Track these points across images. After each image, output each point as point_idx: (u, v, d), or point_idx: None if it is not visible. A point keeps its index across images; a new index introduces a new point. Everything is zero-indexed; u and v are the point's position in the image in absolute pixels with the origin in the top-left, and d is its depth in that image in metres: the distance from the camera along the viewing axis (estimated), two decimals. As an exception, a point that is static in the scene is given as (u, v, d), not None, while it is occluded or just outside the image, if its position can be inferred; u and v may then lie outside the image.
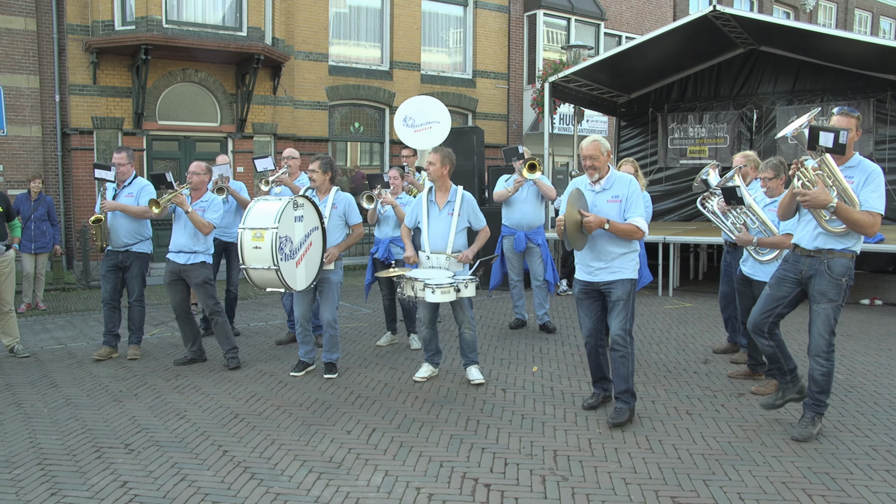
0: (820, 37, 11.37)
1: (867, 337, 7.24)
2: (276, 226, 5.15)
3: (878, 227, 4.13)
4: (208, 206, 6.05)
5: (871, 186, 4.06)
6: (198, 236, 5.97)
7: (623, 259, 4.57)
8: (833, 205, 3.97)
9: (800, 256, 4.33)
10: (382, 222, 6.76)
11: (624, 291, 4.56)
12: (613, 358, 4.59)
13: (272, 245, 5.14)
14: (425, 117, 9.48)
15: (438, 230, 5.56)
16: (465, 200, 5.60)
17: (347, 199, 5.91)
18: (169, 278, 6.12)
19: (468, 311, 5.51)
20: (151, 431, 4.52)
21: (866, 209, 4.03)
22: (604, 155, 4.56)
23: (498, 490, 3.64)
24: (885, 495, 3.55)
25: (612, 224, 4.43)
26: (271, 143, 13.73)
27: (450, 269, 5.47)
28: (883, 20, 27.58)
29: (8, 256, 6.50)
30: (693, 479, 3.75)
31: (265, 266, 5.20)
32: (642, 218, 4.54)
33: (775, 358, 4.51)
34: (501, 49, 16.91)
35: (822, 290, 4.18)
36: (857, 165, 4.16)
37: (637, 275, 4.69)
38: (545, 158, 12.27)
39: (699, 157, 13.75)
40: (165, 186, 6.10)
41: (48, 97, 12.15)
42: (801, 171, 4.10)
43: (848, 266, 4.18)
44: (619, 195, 4.54)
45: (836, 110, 4.26)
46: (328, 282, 5.71)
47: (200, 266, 6.02)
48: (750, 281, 5.42)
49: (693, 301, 9.49)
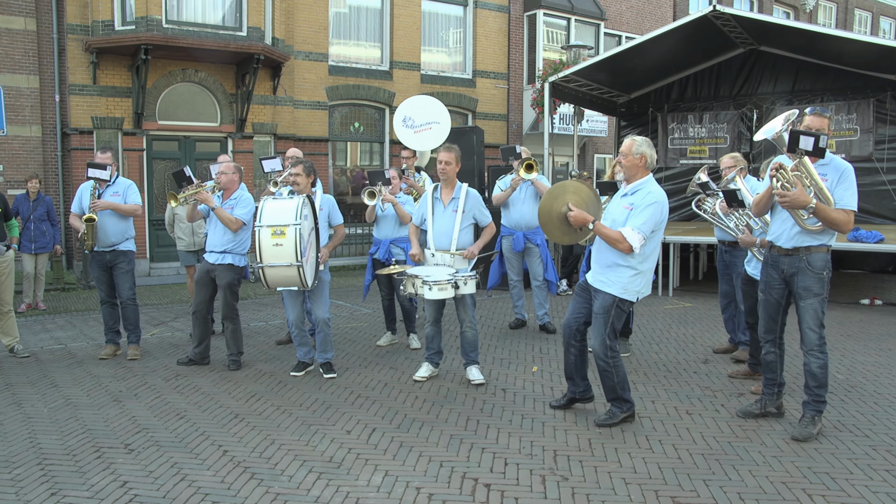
0: (820, 37, 11.36)
1: (867, 337, 7.24)
2: (297, 222, 5.15)
3: (851, 225, 4.26)
4: (237, 202, 6.05)
5: (844, 185, 4.18)
6: (227, 234, 5.96)
7: (614, 271, 4.37)
8: (812, 206, 4.09)
9: (778, 256, 4.41)
10: (381, 222, 6.75)
11: (602, 305, 4.39)
12: (598, 369, 4.52)
13: (296, 241, 5.13)
14: (425, 117, 9.47)
15: (443, 227, 5.56)
16: (470, 197, 5.61)
17: (330, 200, 5.95)
18: (199, 275, 6.14)
19: (471, 310, 5.50)
20: (151, 431, 4.52)
21: (841, 207, 4.16)
22: (634, 156, 4.37)
23: (498, 490, 3.64)
24: (885, 495, 3.55)
25: (597, 225, 4.38)
26: (271, 143, 13.73)
27: (454, 266, 5.48)
28: (883, 20, 27.57)
29: (7, 257, 6.50)
30: (693, 479, 3.75)
31: (286, 263, 5.17)
32: (637, 232, 4.23)
33: (773, 367, 4.60)
34: (501, 49, 16.91)
35: (807, 286, 4.28)
36: (830, 163, 4.26)
37: (629, 296, 4.38)
38: (545, 158, 12.27)
39: (699, 157, 13.74)
40: (186, 183, 6.09)
41: (48, 97, 12.15)
42: (781, 173, 4.20)
43: (826, 259, 4.31)
44: (633, 203, 4.34)
45: (808, 111, 4.37)
46: (320, 281, 5.73)
47: (227, 268, 6.00)
48: (754, 281, 5.42)
49: (693, 301, 9.49)
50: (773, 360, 4.58)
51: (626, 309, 4.45)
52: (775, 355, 4.57)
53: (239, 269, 6.09)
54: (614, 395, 4.52)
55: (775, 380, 4.60)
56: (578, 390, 4.81)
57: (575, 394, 4.84)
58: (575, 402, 4.88)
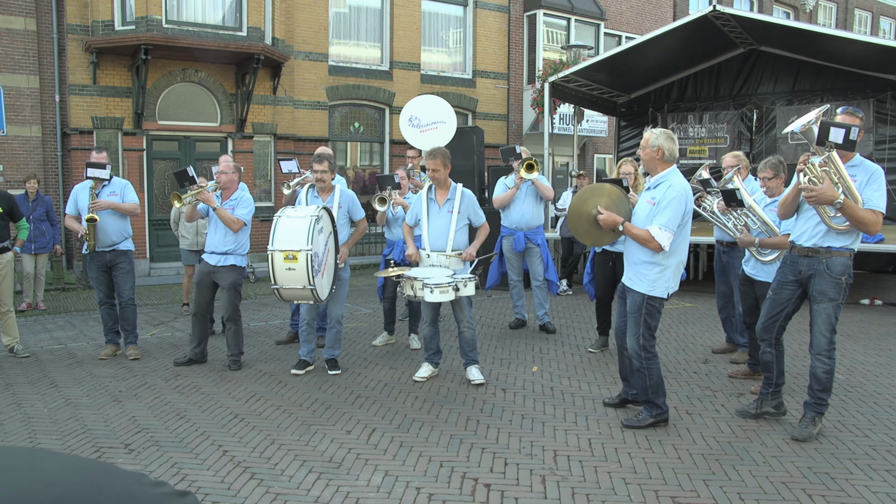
0: (820, 37, 11.36)
1: (867, 337, 7.24)
2: (309, 248, 5.18)
3: (880, 226, 4.16)
4: (238, 203, 6.05)
5: (874, 185, 4.10)
6: (228, 235, 5.96)
7: (644, 268, 4.35)
8: (840, 201, 3.98)
9: (797, 257, 4.33)
10: (393, 224, 6.78)
11: (633, 303, 4.42)
12: (632, 369, 4.59)
13: (307, 266, 5.18)
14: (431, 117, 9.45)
15: (438, 228, 5.55)
16: (465, 197, 5.59)
17: (351, 196, 5.96)
18: (198, 277, 6.14)
19: (467, 310, 5.50)
20: (151, 431, 4.52)
21: (870, 207, 4.06)
22: (651, 149, 4.33)
23: (498, 490, 3.64)
24: (885, 495, 3.55)
25: (626, 225, 4.37)
26: (271, 144, 13.73)
27: (450, 267, 5.47)
28: (883, 20, 27.56)
29: (4, 258, 6.49)
30: (693, 479, 3.75)
31: (300, 286, 5.24)
32: (664, 229, 4.20)
33: (770, 367, 4.58)
34: (501, 49, 16.91)
35: (823, 290, 4.20)
36: (860, 165, 4.20)
37: (658, 293, 4.35)
38: (545, 158, 12.26)
39: (699, 157, 13.73)
40: (189, 183, 6.10)
41: (48, 97, 12.14)
42: (808, 168, 4.10)
43: (846, 265, 4.19)
44: (656, 197, 4.32)
45: (840, 110, 4.28)
46: (339, 279, 5.76)
47: (230, 269, 6.01)
48: (752, 281, 5.42)
49: (693, 301, 9.49)
50: (769, 359, 4.55)
51: (657, 306, 4.40)
52: (772, 355, 4.54)
53: (241, 269, 6.10)
54: (645, 396, 4.51)
55: (771, 380, 4.58)
56: (631, 392, 4.84)
57: (627, 394, 4.88)
58: (627, 403, 4.91)
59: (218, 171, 6.13)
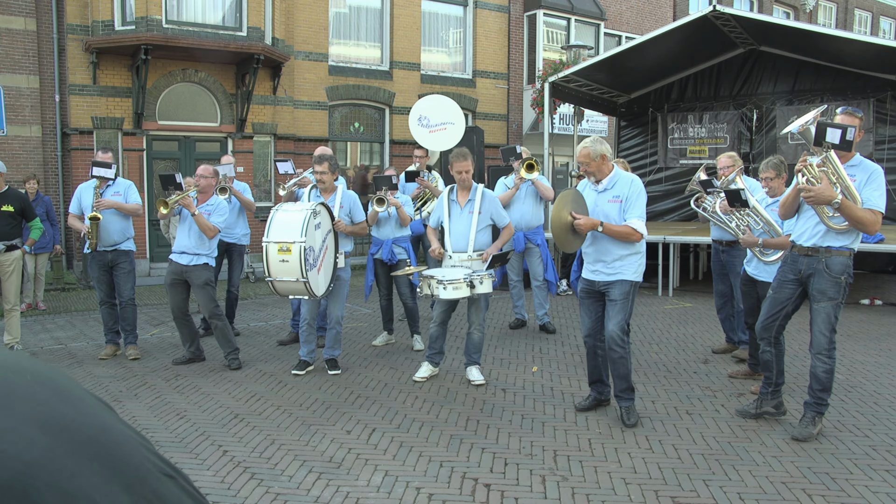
0: (820, 37, 11.36)
1: (867, 337, 7.24)
2: (303, 239, 5.18)
3: (879, 226, 4.17)
4: (214, 209, 6.06)
5: (873, 185, 4.10)
6: (202, 239, 5.97)
7: (624, 260, 4.54)
8: (837, 201, 3.99)
9: (797, 256, 4.35)
10: (383, 223, 6.75)
11: (621, 292, 4.54)
12: (611, 358, 4.59)
13: (300, 258, 5.18)
14: (440, 118, 9.47)
15: (460, 230, 5.54)
16: (486, 198, 5.58)
17: (353, 197, 5.96)
18: (170, 279, 6.11)
19: (483, 312, 5.50)
20: (151, 431, 4.52)
21: (869, 207, 4.07)
22: (595, 160, 4.52)
23: (498, 490, 3.64)
24: (885, 495, 3.55)
25: (606, 226, 4.44)
26: (271, 144, 13.73)
27: (471, 268, 5.45)
28: (883, 20, 27.57)
29: (10, 256, 6.50)
30: (693, 479, 3.75)
31: (293, 279, 5.24)
32: (640, 220, 4.49)
33: (769, 366, 4.59)
34: (501, 49, 16.90)
35: (822, 289, 4.21)
36: (859, 164, 4.20)
37: (640, 277, 4.63)
38: (545, 158, 12.26)
39: (699, 157, 13.73)
40: (174, 188, 6.11)
41: (48, 97, 12.14)
42: (806, 168, 4.11)
43: (846, 264, 4.20)
44: (619, 195, 4.52)
45: (839, 110, 4.29)
46: (339, 280, 5.76)
47: (203, 268, 6.02)
48: (754, 281, 5.42)
49: (693, 301, 9.49)
50: (769, 359, 4.55)
51: (636, 290, 4.64)
52: (771, 354, 4.54)
53: (212, 268, 6.14)
54: (626, 383, 4.58)
55: (770, 379, 4.59)
56: (606, 391, 4.88)
57: (603, 394, 4.91)
58: (600, 405, 4.92)
59: (197, 175, 6.16)
